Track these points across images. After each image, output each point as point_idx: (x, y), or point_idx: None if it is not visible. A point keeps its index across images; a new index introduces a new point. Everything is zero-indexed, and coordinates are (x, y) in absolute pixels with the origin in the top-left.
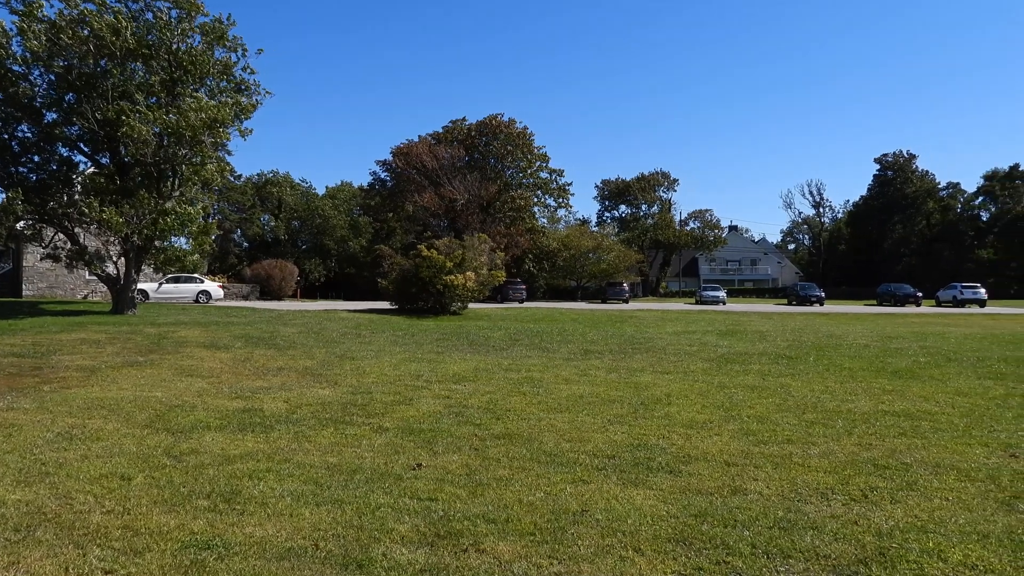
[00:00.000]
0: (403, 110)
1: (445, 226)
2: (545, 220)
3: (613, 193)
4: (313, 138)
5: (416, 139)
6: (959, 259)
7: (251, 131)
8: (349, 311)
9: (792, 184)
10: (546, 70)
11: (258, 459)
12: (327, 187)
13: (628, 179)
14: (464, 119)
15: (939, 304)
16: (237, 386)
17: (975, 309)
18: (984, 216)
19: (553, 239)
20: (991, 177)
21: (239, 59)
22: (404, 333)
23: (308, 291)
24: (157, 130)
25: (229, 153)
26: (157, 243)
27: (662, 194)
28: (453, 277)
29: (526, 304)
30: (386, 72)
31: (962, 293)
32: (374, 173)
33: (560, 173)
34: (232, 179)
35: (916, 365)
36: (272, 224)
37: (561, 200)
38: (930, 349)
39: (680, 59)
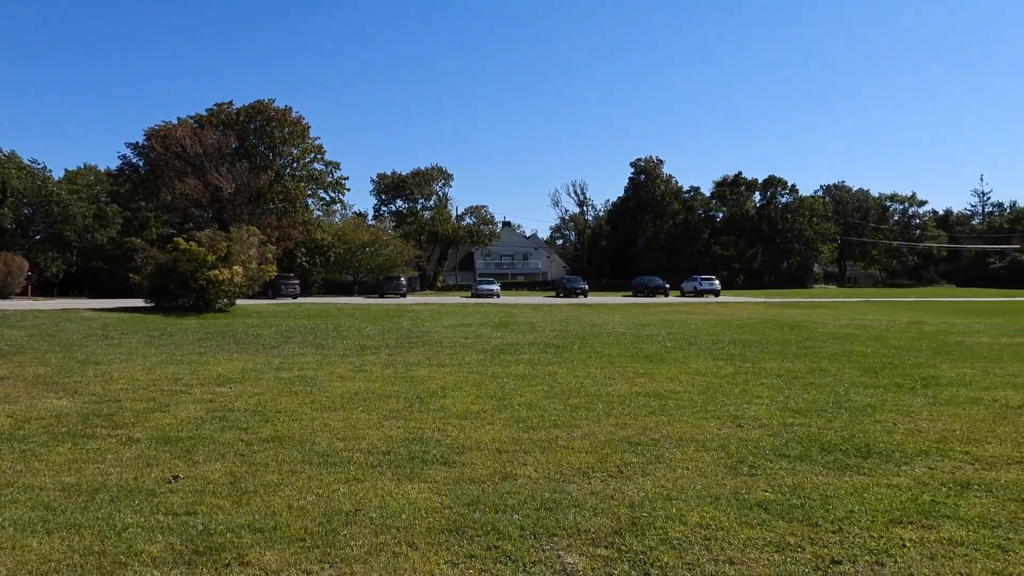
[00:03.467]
0: (159, 89)
1: (210, 217)
2: (320, 213)
3: (390, 187)
4: (46, 114)
5: (175, 121)
6: (699, 254)
7: None
8: (94, 310)
9: (560, 184)
10: (318, 63)
11: None
12: (66, 170)
13: (404, 173)
14: (231, 103)
15: (683, 294)
16: None
17: (711, 298)
18: (719, 217)
19: (328, 232)
20: (721, 183)
21: None
22: (161, 333)
23: (43, 288)
24: None
25: None
26: None
27: (438, 189)
28: (218, 272)
29: (300, 300)
30: (136, 45)
31: (701, 284)
32: (124, 157)
33: (336, 166)
34: None
35: (664, 350)
36: None
37: (336, 194)
38: (675, 335)
39: (451, 56)
